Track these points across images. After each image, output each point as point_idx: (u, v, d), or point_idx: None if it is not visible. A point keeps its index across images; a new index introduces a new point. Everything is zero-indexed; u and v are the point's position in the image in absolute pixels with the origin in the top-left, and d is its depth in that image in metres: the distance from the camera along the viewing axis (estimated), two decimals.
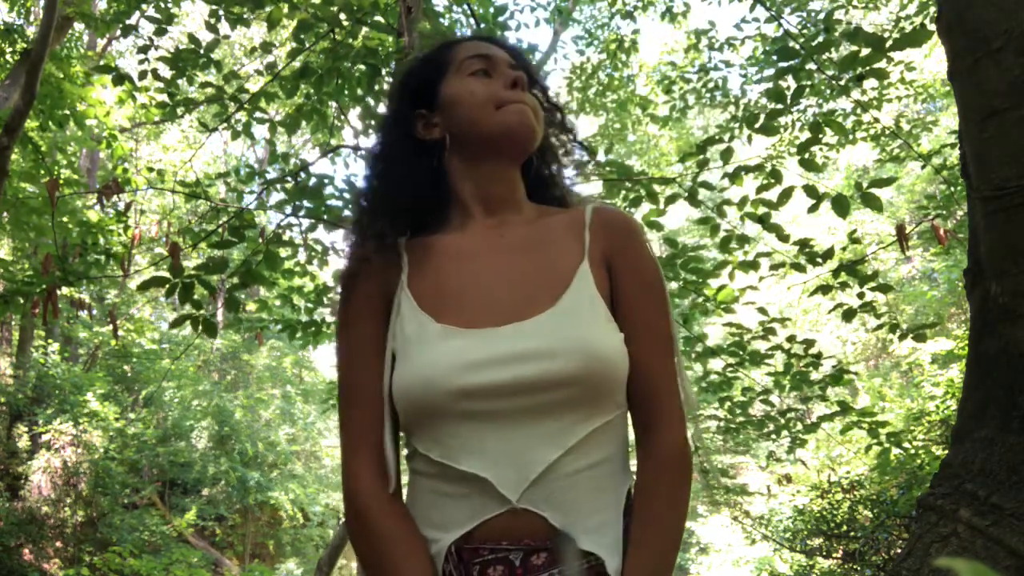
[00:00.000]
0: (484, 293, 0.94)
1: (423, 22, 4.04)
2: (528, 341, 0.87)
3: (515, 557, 0.85)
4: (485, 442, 0.86)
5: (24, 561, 8.25)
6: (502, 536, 0.85)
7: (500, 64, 1.02)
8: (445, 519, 0.88)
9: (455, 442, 0.87)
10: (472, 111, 0.99)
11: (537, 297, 0.92)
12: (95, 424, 9.48)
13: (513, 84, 0.99)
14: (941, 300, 12.17)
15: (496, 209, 1.02)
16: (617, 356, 0.89)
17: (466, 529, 0.86)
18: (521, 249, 0.98)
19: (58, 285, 3.40)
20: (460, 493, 0.87)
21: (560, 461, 0.86)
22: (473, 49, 1.03)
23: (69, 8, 6.17)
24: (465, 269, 0.97)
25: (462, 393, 0.86)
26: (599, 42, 8.38)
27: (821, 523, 5.72)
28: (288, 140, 12.09)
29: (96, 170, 11.42)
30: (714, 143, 3.35)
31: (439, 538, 0.88)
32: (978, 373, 1.36)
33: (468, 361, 0.87)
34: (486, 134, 0.99)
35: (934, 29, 1.63)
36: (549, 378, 0.85)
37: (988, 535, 1.19)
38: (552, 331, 0.88)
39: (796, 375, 4.02)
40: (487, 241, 1.00)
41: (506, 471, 0.85)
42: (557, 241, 0.99)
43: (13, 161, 4.91)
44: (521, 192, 1.06)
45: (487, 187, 1.02)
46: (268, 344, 14.27)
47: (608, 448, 0.91)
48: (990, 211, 1.33)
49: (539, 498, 0.85)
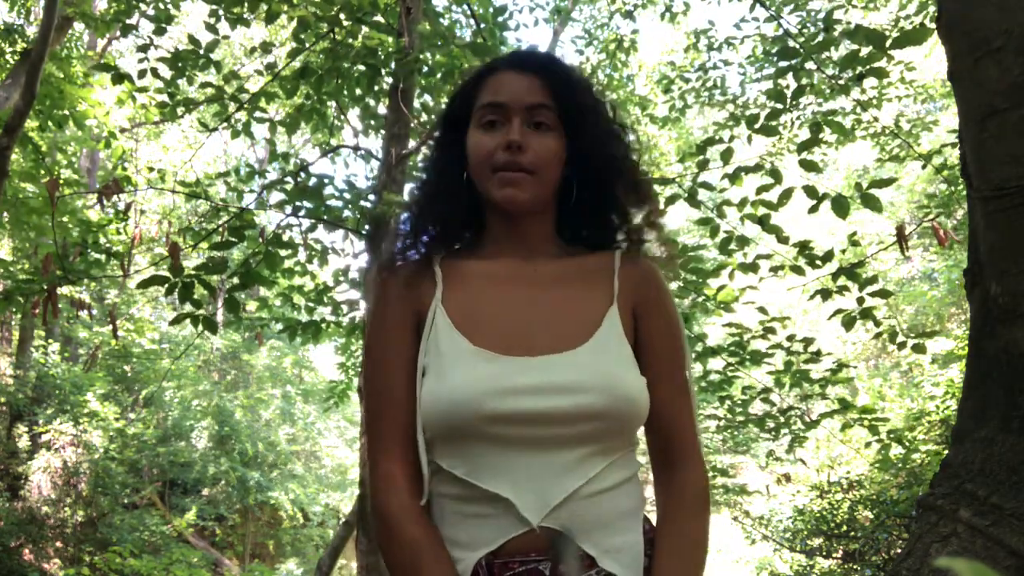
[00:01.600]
0: (517, 321, 0.96)
1: (423, 22, 4.04)
2: (561, 374, 0.90)
3: (544, 567, 0.87)
4: (511, 465, 0.89)
5: (24, 561, 8.25)
6: (531, 549, 0.88)
7: (512, 111, 0.98)
8: (471, 539, 0.90)
9: (481, 461, 0.90)
10: (475, 170, 1.00)
11: (569, 332, 0.95)
12: (95, 424, 9.48)
13: (507, 145, 0.96)
14: (941, 300, 12.17)
15: (526, 243, 1.04)
16: (641, 397, 0.93)
17: (492, 547, 0.88)
18: (552, 283, 1.01)
19: (58, 284, 3.40)
20: (484, 514, 0.89)
21: (582, 490, 0.89)
22: (491, 92, 1.01)
23: (69, 8, 6.16)
24: (499, 296, 0.99)
25: (494, 417, 0.88)
26: (599, 42, 8.38)
27: (821, 523, 5.72)
28: (288, 140, 12.09)
29: (96, 170, 11.42)
30: (714, 143, 3.35)
31: (463, 557, 0.89)
32: (978, 373, 1.36)
33: (502, 387, 0.89)
34: (486, 195, 1.01)
35: (934, 28, 1.63)
36: (578, 411, 0.88)
37: (988, 535, 1.19)
38: (584, 367, 0.91)
39: (796, 373, 4.03)
40: (520, 272, 1.02)
41: (528, 496, 0.88)
42: (587, 282, 1.01)
43: (13, 161, 4.91)
44: (549, 229, 1.06)
45: (514, 233, 1.04)
46: (268, 344, 14.27)
47: (625, 473, 0.95)
48: (990, 211, 1.33)
49: (562, 519, 0.88)
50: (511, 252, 1.03)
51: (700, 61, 7.56)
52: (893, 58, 3.06)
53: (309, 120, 4.48)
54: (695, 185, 3.39)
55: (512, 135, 0.96)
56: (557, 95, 1.00)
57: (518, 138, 0.96)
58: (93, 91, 6.11)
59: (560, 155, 0.99)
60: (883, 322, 3.64)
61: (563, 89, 1.00)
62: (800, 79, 3.69)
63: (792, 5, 6.10)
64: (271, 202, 4.07)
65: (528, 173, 0.97)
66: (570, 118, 1.00)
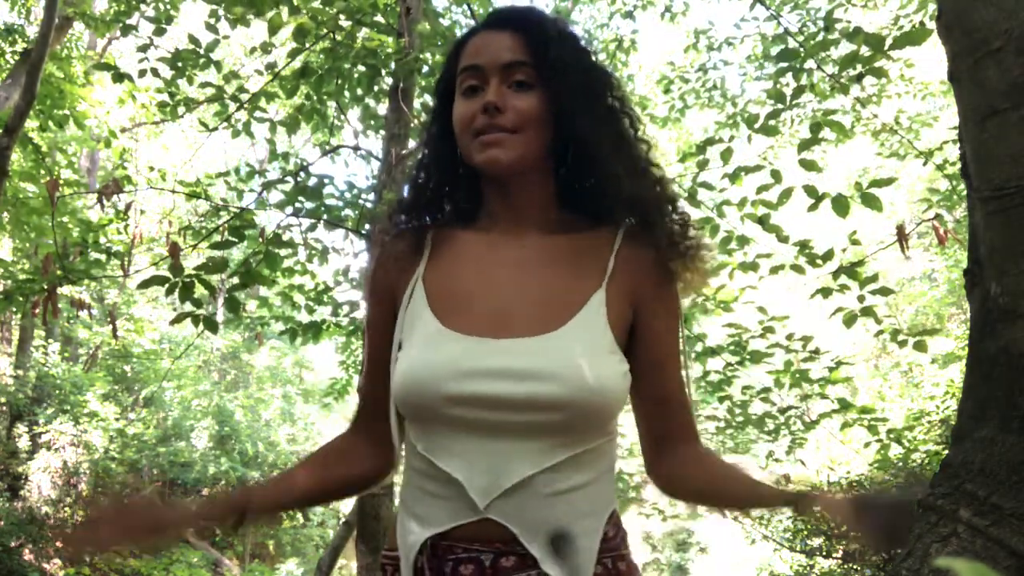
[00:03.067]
0: (492, 302, 0.94)
1: (423, 22, 4.03)
2: (523, 360, 0.87)
3: (486, 558, 0.87)
4: (466, 448, 0.88)
5: (24, 561, 8.25)
6: (475, 539, 0.88)
7: (489, 72, 0.95)
8: (425, 515, 0.91)
9: (440, 440, 0.90)
10: (459, 139, 0.98)
11: (543, 317, 0.91)
12: (95, 424, 9.48)
13: (484, 108, 0.93)
14: (941, 300, 12.17)
15: (519, 218, 1.01)
16: (612, 388, 0.89)
17: (441, 529, 0.89)
18: (539, 263, 0.97)
19: (58, 284, 3.40)
20: (440, 494, 0.90)
21: (536, 479, 0.87)
22: (469, 56, 0.98)
23: (69, 8, 6.17)
24: (480, 274, 0.98)
25: (452, 399, 0.87)
26: (599, 42, 8.38)
27: (821, 523, 5.71)
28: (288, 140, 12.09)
29: (96, 170, 11.42)
30: (714, 143, 3.35)
31: (416, 531, 0.91)
32: (978, 373, 1.36)
33: (462, 369, 0.88)
34: (469, 162, 0.98)
35: (933, 28, 1.63)
36: (534, 399, 0.86)
37: (988, 535, 1.19)
38: (550, 353, 0.88)
39: (796, 373, 4.03)
40: (507, 250, 0.99)
41: (479, 477, 0.87)
42: (578, 261, 0.97)
43: (13, 161, 4.91)
44: (545, 200, 1.02)
45: (505, 199, 1.01)
46: (268, 344, 14.27)
47: (591, 472, 0.91)
48: (990, 211, 1.33)
49: (510, 511, 0.87)
50: (504, 224, 1.01)
51: (700, 61, 7.56)
52: (893, 59, 3.06)
53: (309, 120, 4.48)
54: (695, 185, 3.39)
55: (489, 96, 0.93)
56: (535, 50, 0.95)
57: (494, 99, 0.93)
58: (93, 91, 6.11)
59: (544, 112, 0.94)
60: (883, 320, 3.64)
61: (541, 43, 0.96)
62: (800, 79, 3.69)
63: (792, 4, 6.10)
64: (271, 202, 4.08)
65: (510, 133, 0.93)
66: (547, 72, 0.94)
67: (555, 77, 0.94)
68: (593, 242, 0.99)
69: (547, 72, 0.95)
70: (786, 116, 5.24)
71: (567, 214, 1.03)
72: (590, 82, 0.98)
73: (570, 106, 0.95)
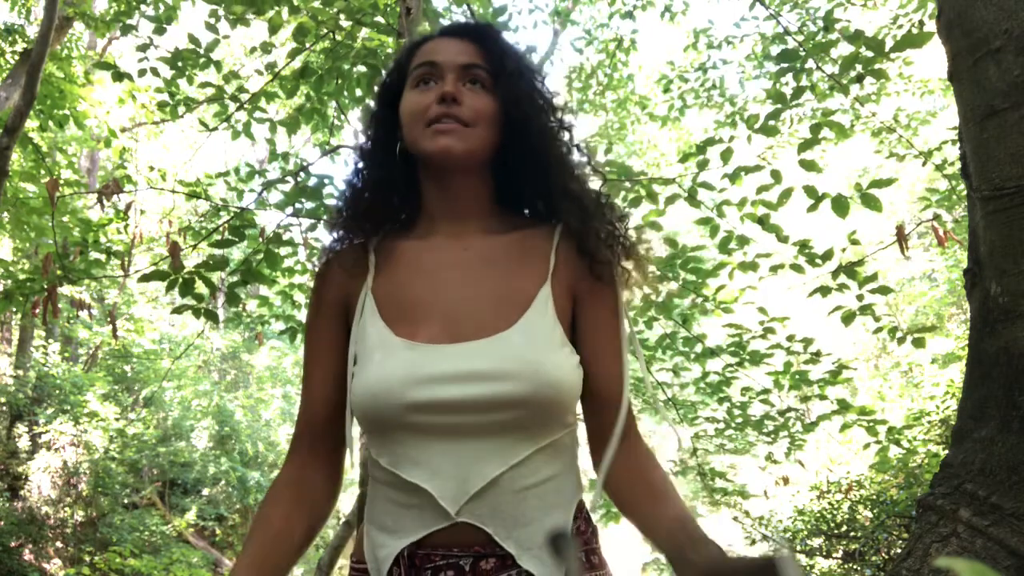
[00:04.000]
0: (442, 307, 0.94)
1: (423, 22, 4.03)
2: (480, 361, 0.88)
3: (465, 563, 0.87)
4: (430, 455, 0.88)
5: (24, 561, 8.26)
6: (452, 545, 0.88)
7: (446, 69, 0.97)
8: (397, 526, 0.90)
9: (402, 451, 0.89)
10: (409, 129, 0.98)
11: (494, 317, 0.92)
12: (95, 424, 9.49)
13: (441, 98, 0.95)
14: (941, 300, 12.17)
15: (460, 218, 1.01)
16: (568, 381, 0.90)
17: (414, 538, 0.88)
18: (483, 264, 0.98)
19: (58, 284, 3.40)
20: (409, 504, 0.89)
21: (503, 477, 0.87)
22: (424, 54, 1.00)
23: (69, 8, 6.17)
24: (427, 281, 0.98)
25: (412, 406, 0.87)
26: (599, 42, 8.38)
27: (821, 523, 5.72)
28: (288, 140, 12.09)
29: (96, 170, 11.42)
30: (714, 143, 3.35)
31: (389, 543, 0.90)
32: (978, 373, 1.36)
33: (420, 376, 0.88)
34: (420, 152, 0.98)
35: (933, 32, 1.63)
36: (497, 399, 0.86)
37: (988, 535, 1.19)
38: (505, 353, 0.88)
39: (796, 374, 4.02)
40: (451, 253, 0.99)
41: (447, 484, 0.87)
42: (521, 260, 0.98)
43: (13, 161, 4.91)
44: (485, 200, 1.03)
45: (447, 197, 1.01)
46: (268, 344, 14.28)
47: (556, 465, 0.93)
48: (990, 211, 1.34)
49: (483, 512, 0.87)
50: (445, 227, 1.01)
51: (699, 61, 7.56)
52: (893, 59, 3.06)
53: (309, 120, 4.48)
54: (695, 185, 3.39)
55: (447, 87, 0.95)
56: (490, 58, 0.98)
57: (452, 89, 0.94)
58: (93, 91, 6.11)
59: (494, 115, 0.97)
60: (882, 318, 3.64)
61: (496, 52, 0.99)
62: (800, 79, 3.69)
63: (791, 4, 6.10)
64: (271, 202, 4.07)
65: (463, 125, 0.95)
66: (502, 79, 0.97)
67: (510, 84, 0.98)
68: (533, 239, 1.01)
69: (502, 78, 0.98)
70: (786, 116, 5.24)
71: (504, 214, 1.04)
72: (539, 93, 1.02)
73: (522, 112, 0.97)
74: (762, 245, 3.55)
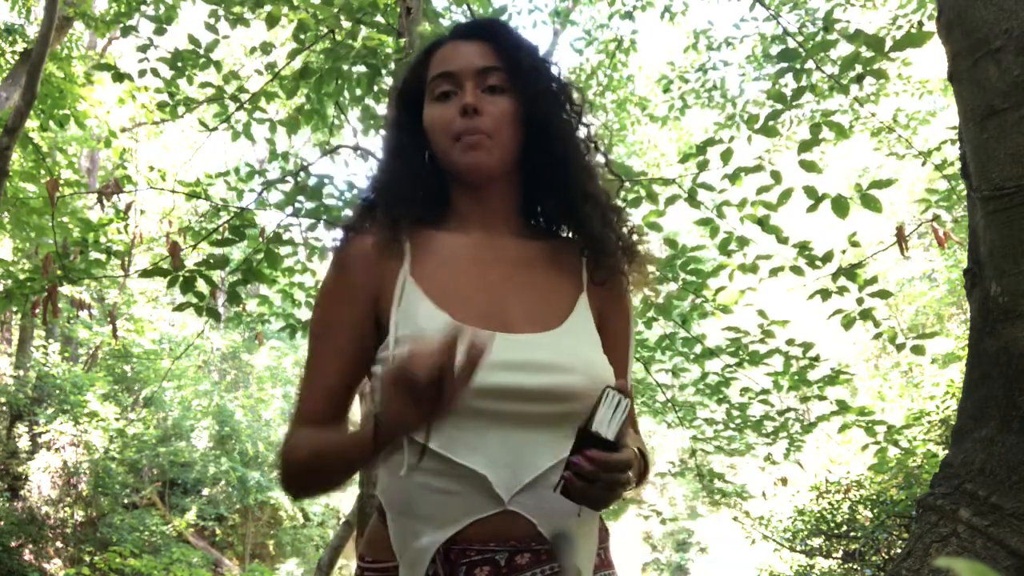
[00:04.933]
0: (492, 298, 0.96)
1: (423, 22, 4.04)
2: (540, 353, 0.91)
3: (500, 557, 0.87)
4: (486, 441, 0.88)
5: (24, 561, 8.26)
6: (491, 538, 0.87)
7: (464, 78, 0.98)
8: (434, 513, 0.88)
9: (458, 435, 0.88)
10: (437, 144, 1.00)
11: (541, 314, 0.95)
12: (95, 424, 9.49)
13: (463, 111, 0.96)
14: (941, 300, 12.18)
15: (491, 221, 1.03)
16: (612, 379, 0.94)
17: (459, 527, 0.87)
18: (522, 264, 1.00)
19: (58, 284, 3.40)
20: (454, 490, 0.88)
21: (553, 471, 0.88)
22: (439, 64, 1.01)
23: (69, 8, 6.17)
24: (471, 271, 0.99)
25: (482, 390, 0.86)
26: (599, 43, 8.38)
27: (821, 523, 5.72)
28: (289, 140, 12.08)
29: (96, 170, 11.43)
30: (714, 144, 3.35)
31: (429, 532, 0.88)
32: (978, 373, 1.36)
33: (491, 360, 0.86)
34: (451, 167, 1.00)
35: (933, 31, 1.63)
36: (557, 390, 0.89)
37: (988, 535, 1.19)
38: (564, 348, 0.92)
39: (795, 375, 4.02)
40: (488, 251, 1.01)
41: (503, 471, 0.87)
42: (557, 267, 1.02)
43: (13, 161, 4.91)
44: (513, 204, 1.05)
45: (479, 202, 1.03)
46: (268, 344, 14.28)
47: None
48: (990, 211, 1.34)
49: (530, 504, 0.87)
50: (476, 227, 1.02)
51: (699, 61, 7.57)
52: (893, 59, 3.06)
53: (309, 120, 4.48)
54: (695, 185, 3.39)
55: (467, 99, 0.96)
56: (505, 57, 0.99)
57: (472, 101, 0.96)
58: (93, 90, 6.11)
59: (515, 116, 0.98)
60: (882, 323, 3.64)
61: (511, 51, 1.00)
62: (800, 79, 3.69)
63: (791, 4, 6.10)
64: (271, 202, 4.07)
65: (488, 136, 0.96)
66: (520, 78, 0.99)
67: (527, 82, 0.99)
68: (563, 248, 1.04)
69: (519, 78, 0.99)
70: (786, 117, 5.25)
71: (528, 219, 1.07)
72: (557, 88, 1.03)
73: (542, 109, 0.99)
74: (762, 246, 3.54)
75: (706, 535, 14.99)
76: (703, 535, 15.13)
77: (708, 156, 3.30)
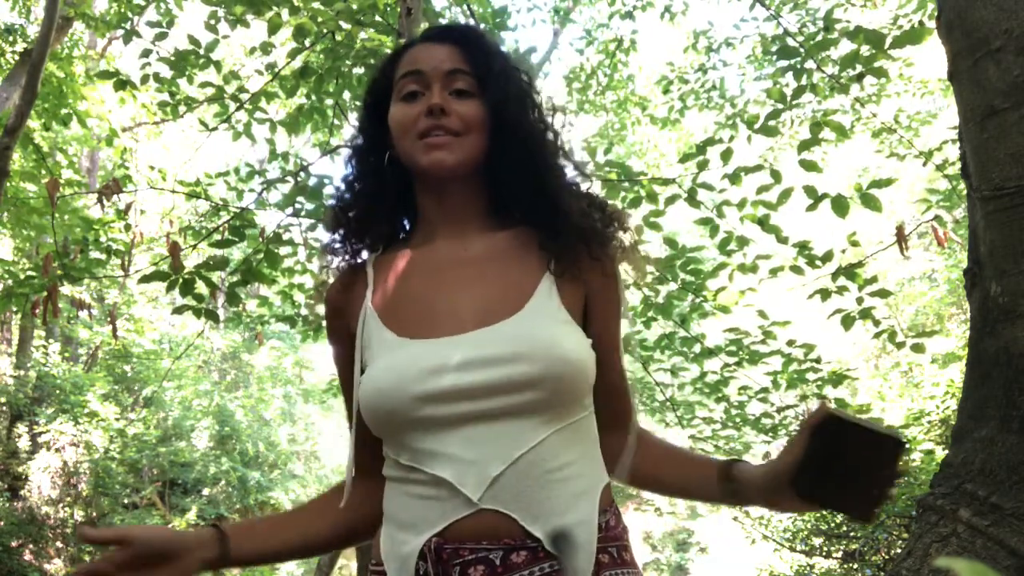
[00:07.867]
0: (446, 304, 0.95)
1: (423, 22, 4.03)
2: (490, 347, 0.88)
3: (495, 556, 0.85)
4: (447, 445, 0.87)
5: (24, 561, 8.26)
6: (480, 536, 0.86)
7: (432, 77, 0.98)
8: (415, 519, 0.89)
9: (419, 446, 0.89)
10: (401, 142, 0.99)
11: (500, 306, 0.93)
12: (95, 424, 9.49)
13: (429, 111, 0.96)
14: (941, 300, 12.18)
15: (459, 222, 1.02)
16: (583, 358, 0.91)
17: (437, 529, 0.87)
18: (485, 260, 0.99)
19: (59, 284, 3.41)
20: (429, 495, 0.88)
21: (523, 460, 0.86)
22: (408, 64, 1.00)
23: (69, 8, 6.17)
24: (428, 282, 0.98)
25: (422, 398, 0.87)
26: (599, 42, 8.39)
27: (821, 523, 5.72)
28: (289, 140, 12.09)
29: (96, 170, 11.42)
30: (714, 144, 3.35)
31: (409, 539, 0.89)
32: (978, 373, 1.36)
33: (427, 367, 0.88)
34: (414, 166, 0.99)
35: (933, 28, 1.63)
36: (510, 382, 0.86)
37: (988, 535, 1.19)
38: (515, 336, 0.89)
39: (794, 373, 4.02)
40: (451, 253, 1.00)
41: (468, 470, 0.86)
42: (521, 252, 0.99)
43: (14, 161, 4.91)
44: (482, 204, 1.04)
45: (444, 204, 1.02)
46: (268, 344, 14.28)
47: (577, 450, 0.92)
48: (990, 211, 1.34)
49: (507, 498, 0.86)
50: (444, 231, 1.02)
51: (699, 62, 7.57)
52: (893, 58, 3.06)
53: (309, 120, 4.48)
54: (695, 185, 3.39)
55: (434, 99, 0.96)
56: (475, 62, 0.99)
57: (439, 101, 0.95)
58: (95, 89, 6.11)
59: (483, 119, 0.97)
60: (882, 322, 3.63)
61: (479, 55, 1.00)
62: (800, 79, 3.69)
63: (792, 4, 6.10)
64: (271, 202, 4.07)
65: (454, 136, 0.96)
66: (487, 83, 0.98)
67: (496, 88, 0.98)
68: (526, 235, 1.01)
69: (488, 82, 0.98)
70: (786, 117, 5.24)
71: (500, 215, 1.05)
72: (526, 93, 1.02)
73: (510, 113, 0.98)
74: (762, 246, 3.54)
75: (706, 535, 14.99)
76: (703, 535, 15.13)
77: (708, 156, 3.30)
